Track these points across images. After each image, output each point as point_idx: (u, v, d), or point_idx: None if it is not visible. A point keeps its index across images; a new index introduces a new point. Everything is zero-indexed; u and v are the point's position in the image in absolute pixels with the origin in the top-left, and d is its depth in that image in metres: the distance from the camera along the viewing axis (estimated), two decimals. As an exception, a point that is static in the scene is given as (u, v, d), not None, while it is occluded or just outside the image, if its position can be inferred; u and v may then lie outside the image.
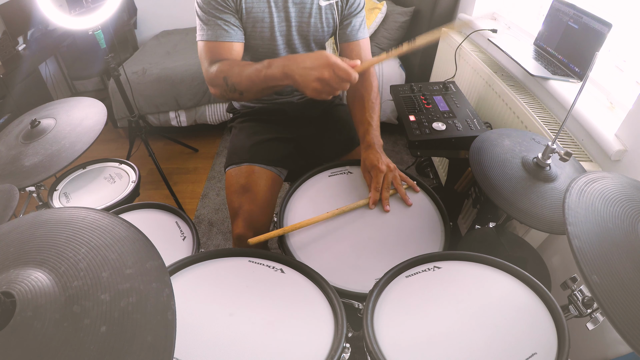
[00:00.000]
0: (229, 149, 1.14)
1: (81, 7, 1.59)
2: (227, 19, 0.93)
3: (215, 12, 0.92)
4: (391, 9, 2.24)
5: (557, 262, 1.06)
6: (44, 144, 0.96)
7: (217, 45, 0.93)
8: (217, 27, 0.92)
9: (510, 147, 0.83)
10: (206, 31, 0.93)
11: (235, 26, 0.94)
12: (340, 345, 0.55)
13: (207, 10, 0.92)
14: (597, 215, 0.52)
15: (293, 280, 0.67)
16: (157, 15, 3.09)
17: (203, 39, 0.94)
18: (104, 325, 0.38)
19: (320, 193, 0.93)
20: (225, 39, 0.93)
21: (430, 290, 0.63)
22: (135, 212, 1.00)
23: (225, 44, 0.93)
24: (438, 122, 1.13)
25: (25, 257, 0.44)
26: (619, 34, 1.09)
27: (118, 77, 1.76)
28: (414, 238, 0.81)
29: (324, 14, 1.00)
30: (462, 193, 1.26)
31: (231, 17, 0.93)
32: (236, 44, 0.95)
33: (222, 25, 0.92)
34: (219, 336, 0.57)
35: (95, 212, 0.50)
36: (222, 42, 0.93)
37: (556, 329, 0.55)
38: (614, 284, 0.45)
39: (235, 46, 0.95)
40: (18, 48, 2.37)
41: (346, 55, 1.07)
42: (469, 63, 1.57)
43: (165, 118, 2.40)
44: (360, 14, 1.05)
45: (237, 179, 1.04)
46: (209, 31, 0.93)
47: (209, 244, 1.81)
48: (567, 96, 1.09)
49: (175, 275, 0.67)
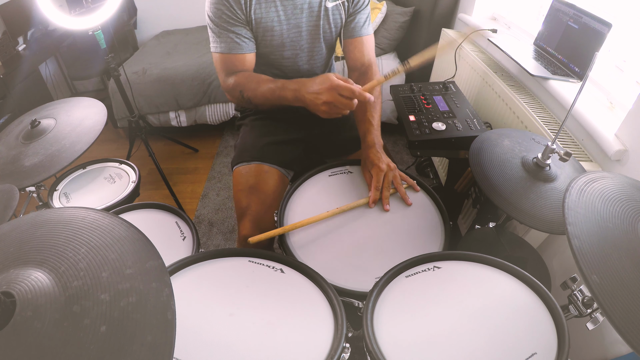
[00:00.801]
0: (239, 146, 1.14)
1: (81, 7, 1.59)
2: (239, 32, 0.96)
3: (226, 25, 0.94)
4: (391, 9, 2.24)
5: (557, 262, 1.06)
6: (44, 144, 0.96)
7: (231, 58, 0.98)
8: (229, 40, 0.96)
9: (510, 147, 0.83)
10: (219, 44, 0.97)
11: (247, 38, 0.98)
12: (340, 345, 0.55)
13: (218, 23, 0.94)
14: (597, 215, 0.52)
15: (293, 280, 0.67)
16: (157, 15, 3.09)
17: (217, 52, 0.98)
18: (104, 325, 0.38)
19: (320, 192, 0.93)
20: (237, 52, 0.98)
21: (430, 290, 0.63)
22: (135, 212, 1.00)
23: (238, 56, 0.98)
24: (438, 122, 1.13)
25: (25, 257, 0.44)
26: (619, 34, 1.09)
27: (118, 77, 1.76)
28: (414, 238, 0.81)
29: (332, 15, 1.02)
30: (462, 193, 1.26)
31: (242, 29, 0.96)
32: (248, 55, 1.00)
33: (234, 38, 0.96)
34: (219, 336, 0.57)
35: (95, 212, 0.50)
36: (235, 55, 0.98)
37: (556, 329, 0.55)
38: (614, 284, 0.45)
39: (248, 57, 1.00)
40: (18, 48, 2.37)
41: (349, 51, 1.09)
42: (469, 63, 1.57)
43: (165, 118, 2.40)
44: (365, 10, 1.06)
45: (246, 178, 1.04)
46: (222, 44, 0.97)
47: (209, 244, 1.81)
48: (567, 96, 1.09)
49: (175, 275, 0.67)
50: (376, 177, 0.88)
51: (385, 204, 0.86)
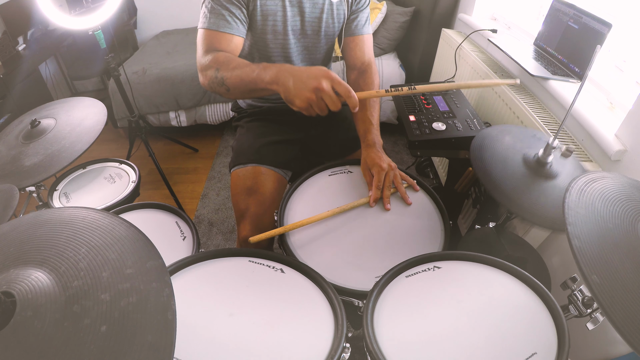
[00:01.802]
0: (236, 148, 1.13)
1: (81, 7, 1.59)
2: (233, 11, 0.91)
3: (223, 2, 0.91)
4: (391, 9, 2.24)
5: (557, 262, 1.06)
6: (44, 144, 0.96)
7: (217, 35, 0.91)
8: (220, 16, 0.90)
9: (511, 144, 0.83)
10: (209, 19, 0.91)
11: (239, 20, 0.92)
12: (340, 345, 0.55)
13: None
14: (597, 215, 0.52)
15: (293, 280, 0.67)
16: (157, 15, 3.09)
17: (204, 27, 0.91)
18: (104, 325, 0.38)
19: (320, 192, 0.93)
20: (226, 30, 0.91)
21: (430, 290, 0.63)
22: (135, 212, 0.99)
23: (225, 35, 0.91)
24: (438, 122, 1.13)
25: (25, 257, 0.44)
26: (619, 34, 1.09)
27: (118, 77, 1.76)
28: (414, 237, 0.81)
29: (335, 10, 1.02)
30: (462, 193, 1.26)
31: (237, 10, 0.92)
32: (236, 37, 0.92)
33: (226, 16, 0.90)
34: (219, 336, 0.57)
35: (95, 212, 0.50)
36: (222, 32, 0.91)
37: (556, 329, 0.55)
38: (614, 284, 0.45)
39: (235, 39, 0.92)
40: (18, 48, 2.37)
41: (349, 49, 1.09)
42: (469, 63, 1.57)
43: (165, 118, 2.40)
44: (367, 9, 1.07)
45: (243, 181, 1.03)
46: (211, 19, 0.90)
47: (209, 244, 1.81)
48: (567, 96, 1.09)
49: (175, 275, 0.67)
50: (377, 176, 0.88)
51: (386, 204, 0.86)
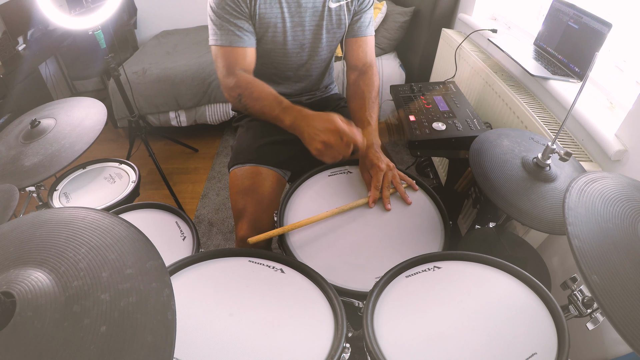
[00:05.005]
0: (235, 148, 1.14)
1: (81, 7, 1.59)
2: (241, 25, 0.94)
3: (229, 18, 0.93)
4: (391, 9, 2.24)
5: (557, 262, 1.06)
6: (44, 144, 0.96)
7: (232, 52, 0.96)
8: (230, 32, 0.94)
9: (510, 148, 0.83)
10: (220, 36, 0.95)
11: (248, 32, 0.96)
12: (340, 345, 0.55)
13: (220, 15, 0.93)
14: (597, 215, 0.52)
15: (293, 280, 0.67)
16: (157, 15, 3.09)
17: (217, 44, 0.96)
18: (104, 325, 0.38)
19: (320, 192, 0.93)
20: (239, 44, 0.96)
21: (430, 290, 0.63)
22: (135, 212, 0.99)
23: (239, 50, 0.96)
24: (438, 122, 1.13)
25: (25, 257, 0.44)
26: (619, 34, 1.09)
27: (118, 77, 1.76)
28: (414, 237, 0.81)
29: (334, 16, 1.02)
30: (462, 193, 1.26)
31: (244, 23, 0.95)
32: (249, 49, 0.98)
33: (235, 31, 0.94)
34: (219, 336, 0.57)
35: (95, 212, 0.49)
36: (236, 48, 0.96)
37: (556, 329, 0.55)
38: (614, 284, 0.45)
39: (249, 51, 0.98)
40: (18, 48, 2.37)
41: (351, 50, 1.09)
42: (469, 63, 1.57)
43: (165, 118, 2.40)
44: (370, 10, 1.07)
45: (242, 180, 1.03)
46: (222, 36, 0.95)
47: (209, 244, 1.81)
48: (567, 96, 1.09)
49: (175, 275, 0.67)
50: (376, 177, 0.88)
51: (386, 204, 0.86)
